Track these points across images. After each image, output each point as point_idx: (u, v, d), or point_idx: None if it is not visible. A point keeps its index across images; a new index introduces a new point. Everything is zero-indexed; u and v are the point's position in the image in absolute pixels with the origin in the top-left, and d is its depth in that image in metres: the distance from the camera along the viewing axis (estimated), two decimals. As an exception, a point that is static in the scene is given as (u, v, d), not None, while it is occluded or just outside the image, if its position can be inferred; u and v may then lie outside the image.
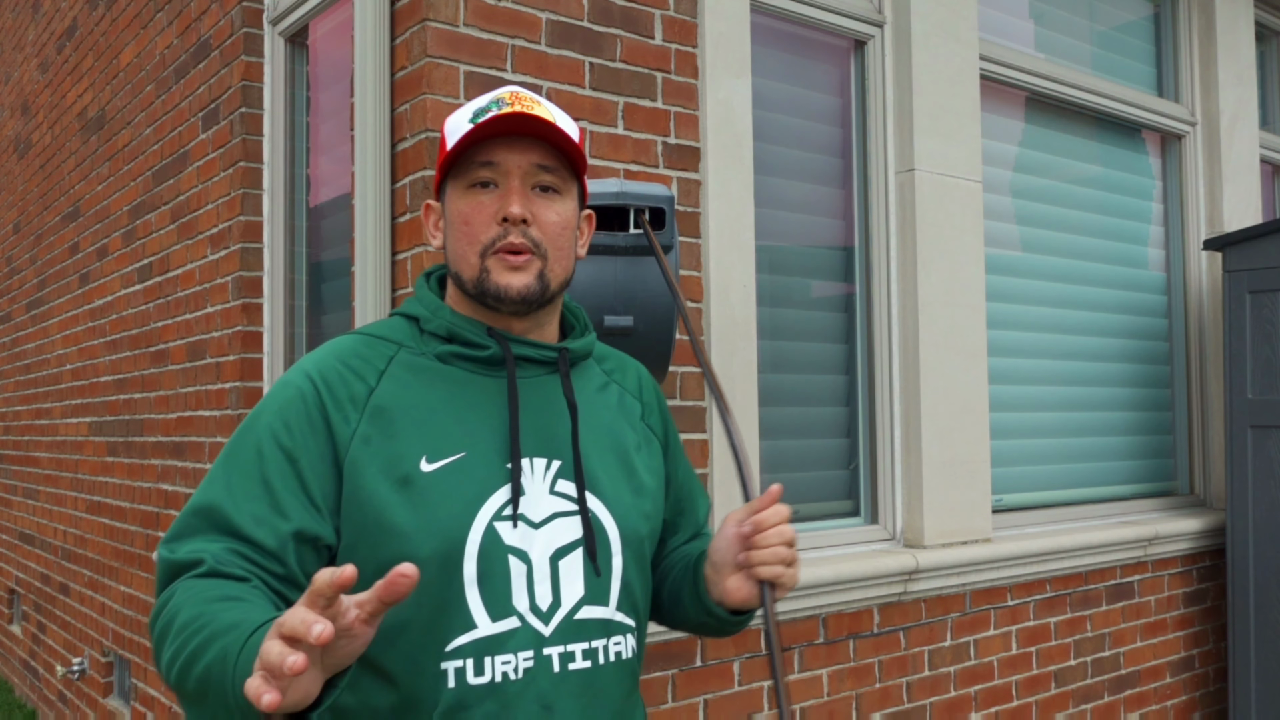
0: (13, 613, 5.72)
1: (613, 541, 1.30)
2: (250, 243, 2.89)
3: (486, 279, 1.26)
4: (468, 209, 1.27)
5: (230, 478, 1.19)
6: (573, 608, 1.25)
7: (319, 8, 2.69)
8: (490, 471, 1.23)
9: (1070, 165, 3.70)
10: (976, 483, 3.05)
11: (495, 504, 1.22)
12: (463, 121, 1.28)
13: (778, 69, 2.90)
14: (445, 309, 1.31)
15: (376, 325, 1.34)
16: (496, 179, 1.27)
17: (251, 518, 1.16)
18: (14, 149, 5.76)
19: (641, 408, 1.45)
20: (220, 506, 1.17)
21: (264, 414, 1.23)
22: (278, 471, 1.18)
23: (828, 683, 2.72)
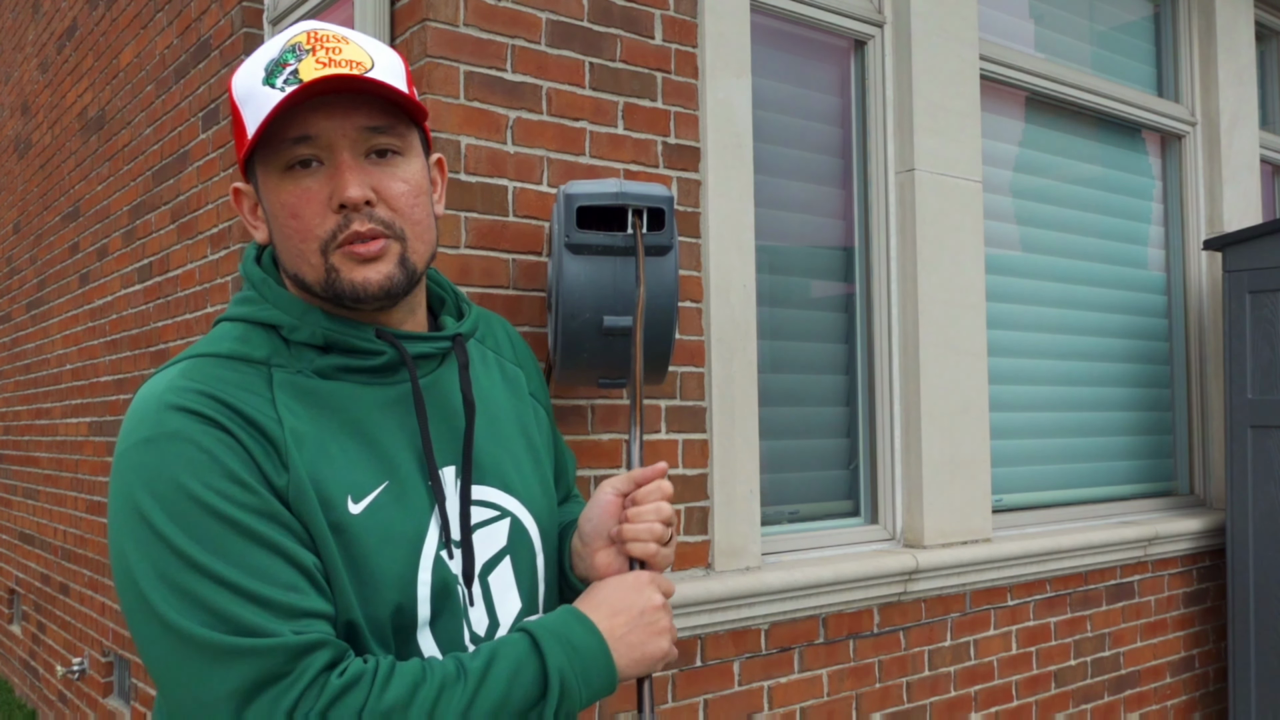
0: (13, 613, 5.72)
1: (534, 541, 1.18)
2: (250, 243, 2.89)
3: (337, 279, 1.03)
4: (292, 199, 1.02)
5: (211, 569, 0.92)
6: (513, 625, 1.13)
7: (319, 8, 2.69)
8: (419, 499, 1.07)
9: (1070, 165, 3.70)
10: (976, 483, 3.05)
11: (435, 535, 1.06)
12: (255, 84, 1.01)
13: (778, 69, 2.90)
14: (315, 312, 1.06)
15: (222, 342, 1.05)
16: (319, 154, 1.02)
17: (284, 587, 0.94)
18: (14, 149, 5.76)
19: (524, 375, 1.29)
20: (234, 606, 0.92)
21: (180, 479, 0.94)
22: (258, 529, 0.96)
23: (828, 683, 2.72)
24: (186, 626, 0.91)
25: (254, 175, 1.07)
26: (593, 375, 2.13)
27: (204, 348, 1.05)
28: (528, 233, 2.25)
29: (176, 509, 0.93)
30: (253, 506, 0.95)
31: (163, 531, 0.93)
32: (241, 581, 0.92)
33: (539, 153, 2.28)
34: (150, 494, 0.94)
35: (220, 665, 0.90)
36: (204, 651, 0.91)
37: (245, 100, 1.03)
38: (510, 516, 1.15)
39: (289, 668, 0.91)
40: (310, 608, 0.95)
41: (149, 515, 0.93)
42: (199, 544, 0.92)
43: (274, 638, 0.91)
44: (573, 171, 2.33)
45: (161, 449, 0.95)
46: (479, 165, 2.20)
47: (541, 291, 2.28)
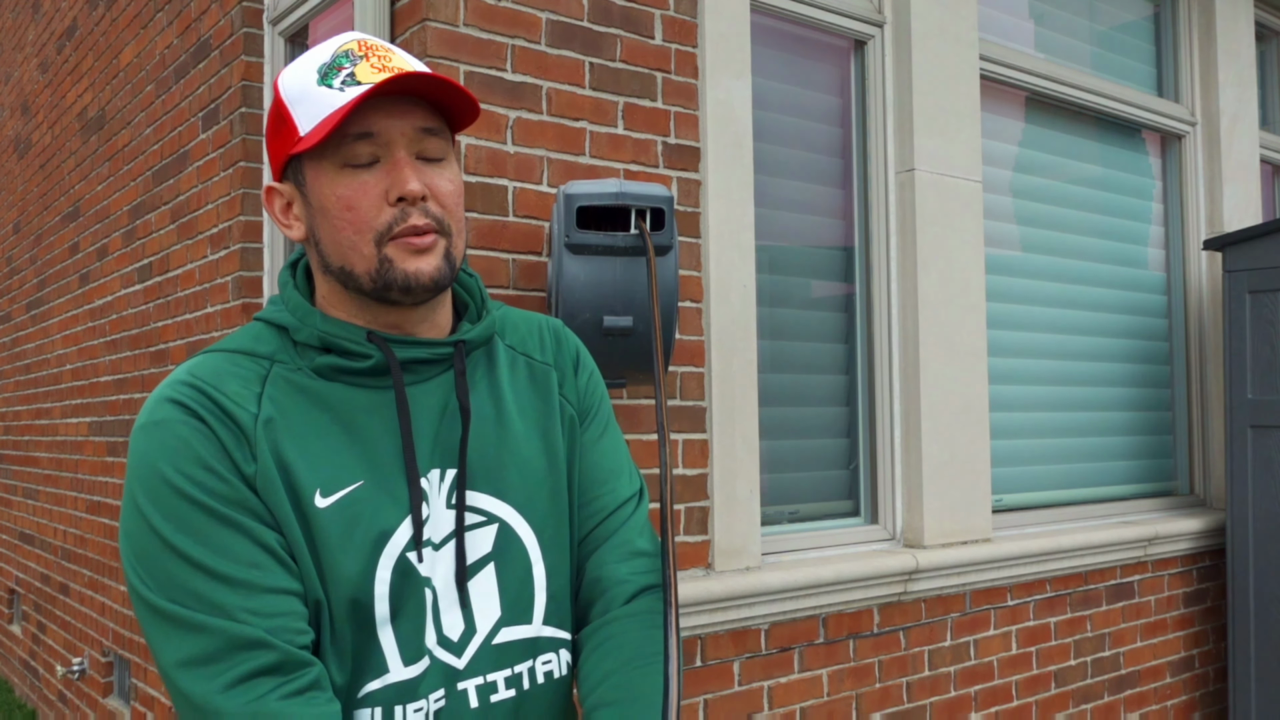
0: (13, 613, 5.72)
1: (530, 550, 1.17)
2: (250, 243, 2.89)
3: (390, 269, 1.07)
4: (349, 193, 1.06)
5: (185, 543, 1.01)
6: (490, 632, 1.13)
7: (319, 8, 2.69)
8: (395, 498, 1.09)
9: (1070, 165, 3.70)
10: (976, 483, 3.05)
11: (406, 534, 1.09)
12: (309, 84, 1.07)
13: (778, 69, 2.90)
14: (314, 314, 1.11)
15: (238, 338, 1.13)
16: (377, 152, 1.07)
17: (247, 568, 1.01)
18: (14, 149, 5.76)
19: (558, 376, 1.26)
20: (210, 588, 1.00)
21: (159, 465, 1.03)
22: (229, 515, 1.02)
23: (828, 683, 2.72)
24: (154, 599, 1.00)
25: (296, 174, 1.11)
26: (593, 375, 2.12)
27: (221, 343, 1.13)
28: (528, 233, 2.25)
29: (154, 492, 1.02)
30: (221, 493, 1.02)
31: (144, 511, 1.02)
32: (206, 560, 1.00)
33: (539, 153, 2.28)
34: (137, 477, 1.03)
35: (176, 635, 0.99)
36: (166, 622, 1.00)
37: (297, 100, 1.07)
38: (499, 523, 1.15)
39: (225, 655, 0.98)
40: (272, 584, 1.01)
41: (135, 497, 1.03)
42: (170, 523, 1.00)
43: (222, 620, 0.99)
44: (573, 171, 2.33)
45: (150, 436, 1.04)
46: (479, 165, 2.20)
47: (541, 291, 2.28)
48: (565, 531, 1.21)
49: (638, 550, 1.24)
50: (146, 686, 3.57)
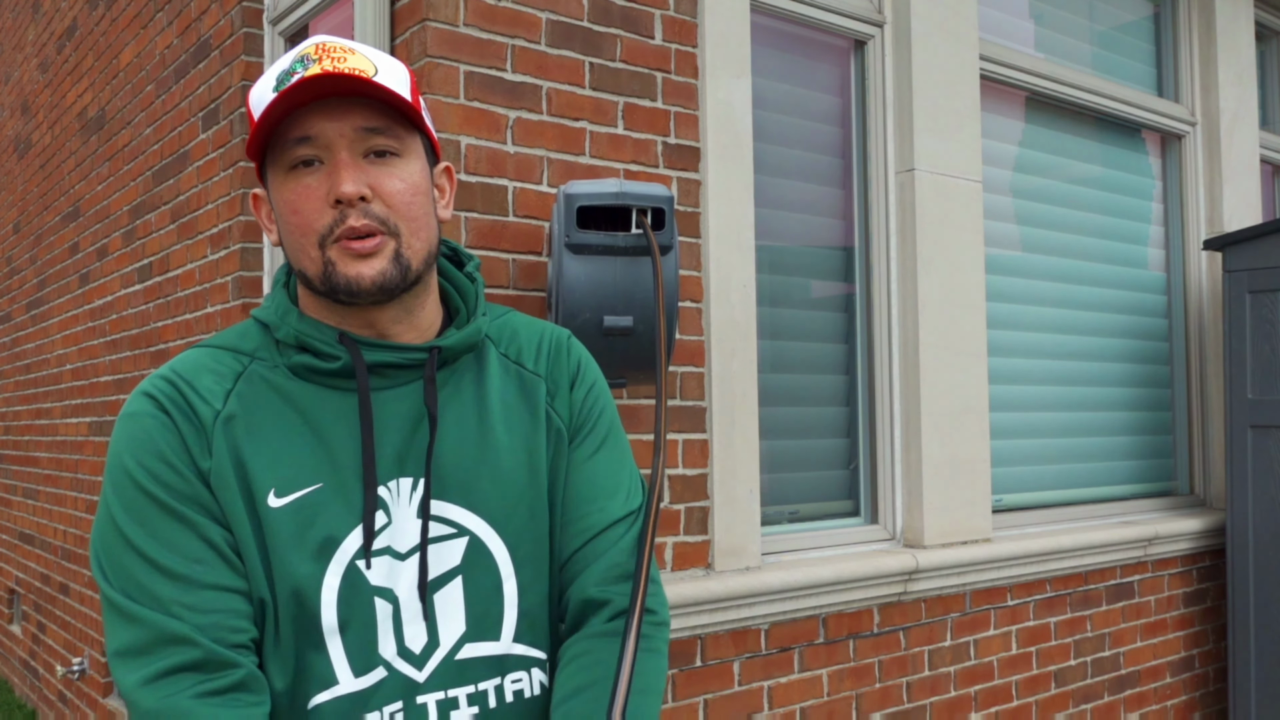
0: (13, 613, 5.72)
1: (501, 565, 1.13)
2: (250, 243, 2.89)
3: (333, 272, 1.06)
4: (294, 195, 1.06)
5: (139, 535, 1.03)
6: (453, 646, 1.10)
7: (319, 8, 2.69)
8: (350, 504, 1.07)
9: (1070, 165, 3.70)
10: (976, 483, 3.05)
11: (356, 542, 1.07)
12: (266, 91, 1.06)
13: (778, 69, 2.90)
14: (293, 313, 1.11)
15: (227, 335, 1.15)
16: (319, 154, 1.06)
17: (188, 560, 1.03)
18: (14, 149, 5.76)
19: (548, 388, 1.22)
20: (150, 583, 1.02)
21: (126, 459, 1.05)
22: (182, 510, 1.04)
23: (828, 683, 2.72)
24: (105, 586, 1.04)
25: (267, 181, 1.12)
26: (593, 375, 2.12)
27: (211, 338, 1.15)
28: (528, 233, 2.25)
29: (118, 483, 1.05)
30: (174, 486, 1.04)
31: (107, 500, 1.06)
32: (151, 552, 1.02)
33: (539, 153, 2.28)
34: (107, 467, 1.07)
35: (118, 624, 1.03)
36: (112, 610, 1.03)
37: (256, 106, 1.08)
38: (470, 535, 1.12)
39: (153, 648, 1.01)
40: (212, 580, 1.03)
41: (104, 486, 1.07)
42: (126, 514, 1.04)
43: (156, 613, 1.01)
44: (573, 171, 2.33)
45: (123, 427, 1.07)
46: (479, 165, 2.20)
47: (541, 291, 2.28)
48: (545, 548, 1.17)
49: (626, 574, 1.17)
50: (146, 686, 3.57)
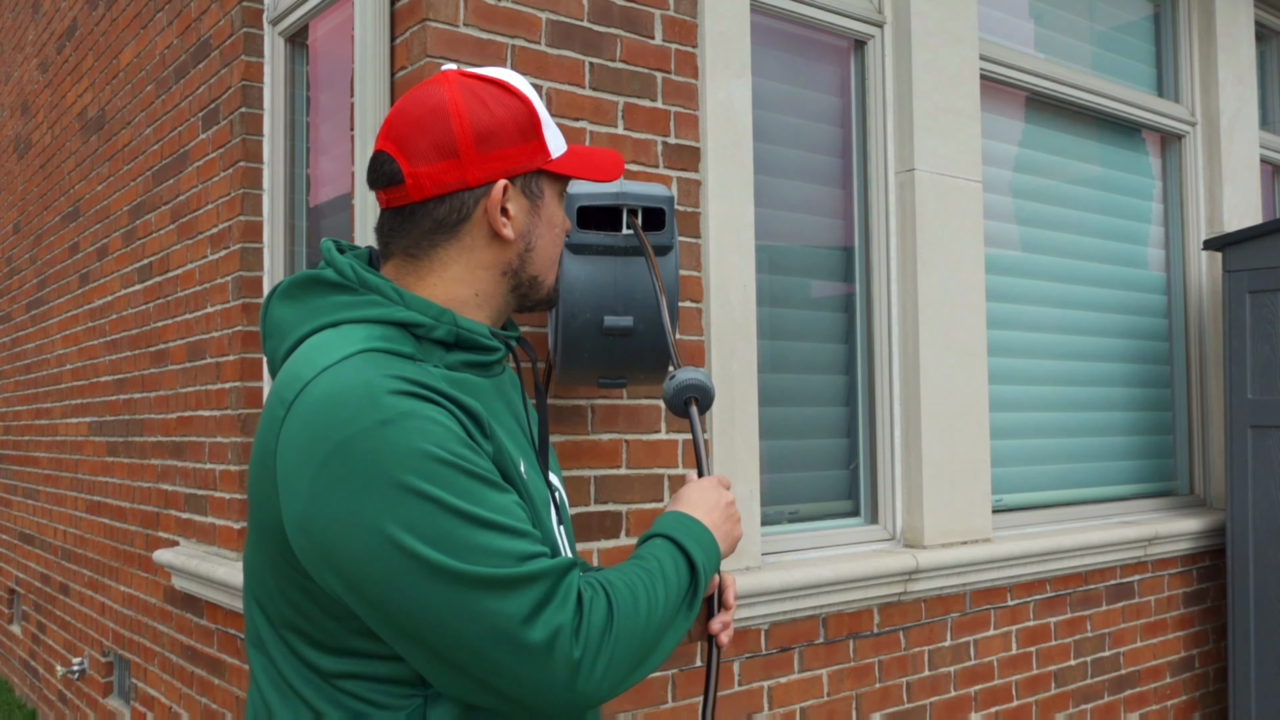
0: (13, 613, 5.72)
1: (567, 516, 1.38)
2: (250, 243, 2.89)
3: (557, 287, 1.32)
4: (563, 216, 1.29)
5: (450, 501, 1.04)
6: None
7: (319, 8, 2.69)
8: (538, 473, 1.27)
9: (1070, 165, 3.70)
10: (976, 483, 3.05)
11: (552, 507, 1.27)
12: (545, 112, 1.26)
13: (778, 69, 2.90)
14: (448, 313, 1.18)
15: (369, 340, 1.13)
16: None
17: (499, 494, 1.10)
18: (14, 149, 5.76)
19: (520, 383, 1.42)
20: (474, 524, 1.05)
21: (424, 447, 1.04)
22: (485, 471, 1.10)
23: (828, 683, 2.72)
24: (472, 570, 1.02)
25: (532, 183, 1.23)
26: (593, 375, 2.13)
27: (362, 344, 1.11)
28: (528, 233, 2.25)
29: (435, 474, 1.03)
30: (484, 466, 1.09)
31: (430, 495, 1.03)
32: (502, 520, 1.06)
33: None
34: (406, 468, 1.03)
35: (509, 593, 1.03)
36: (493, 586, 1.03)
37: (547, 122, 1.23)
38: (559, 493, 1.35)
39: (558, 587, 1.07)
40: (539, 535, 1.12)
41: (413, 485, 1.02)
42: (462, 498, 1.04)
43: (543, 560, 1.07)
44: (573, 171, 2.33)
45: (402, 426, 1.04)
46: (479, 165, 2.20)
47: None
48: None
49: None
50: (146, 686, 3.57)
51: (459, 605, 1.02)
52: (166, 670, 3.37)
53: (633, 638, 1.12)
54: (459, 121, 1.17)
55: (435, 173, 1.17)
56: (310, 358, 1.10)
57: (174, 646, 3.30)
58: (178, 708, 3.26)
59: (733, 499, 1.38)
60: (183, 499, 3.26)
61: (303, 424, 1.06)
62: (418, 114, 1.18)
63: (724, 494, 1.37)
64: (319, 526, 1.04)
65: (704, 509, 1.33)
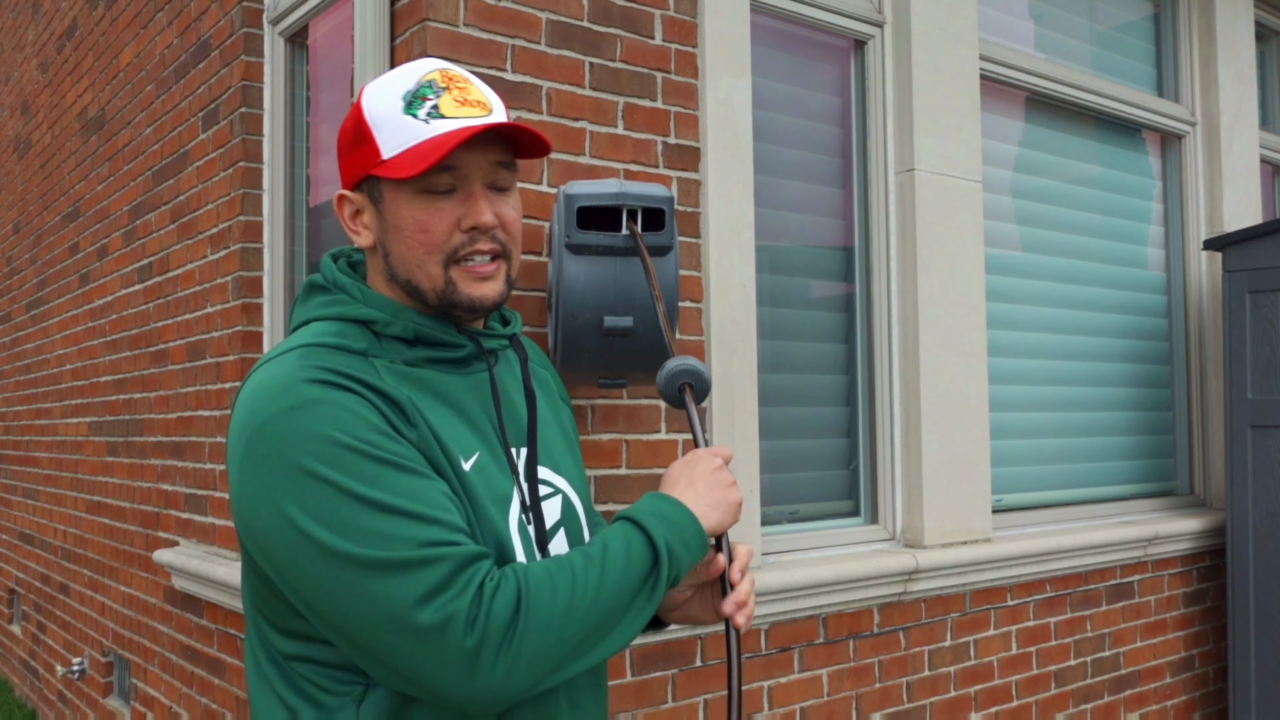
0: (13, 613, 5.72)
1: (581, 518, 1.33)
2: (250, 243, 2.89)
3: (454, 291, 1.19)
4: (425, 216, 1.17)
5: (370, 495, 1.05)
6: None
7: (319, 8, 2.69)
8: (504, 469, 1.22)
9: (1070, 165, 3.70)
10: (976, 483, 3.05)
11: (517, 502, 1.22)
12: (394, 111, 1.17)
13: (778, 69, 2.90)
14: (406, 310, 1.21)
15: (321, 336, 1.18)
16: (455, 183, 1.18)
17: (437, 504, 1.08)
18: (14, 149, 5.76)
19: (551, 380, 1.44)
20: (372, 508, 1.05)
21: (328, 432, 1.06)
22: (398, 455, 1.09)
23: (828, 683, 2.72)
24: (368, 554, 1.03)
25: (372, 189, 1.21)
26: (593, 375, 2.13)
27: (306, 339, 1.17)
28: (528, 233, 2.25)
29: (335, 458, 1.05)
30: (397, 451, 1.08)
31: (328, 478, 1.04)
32: (406, 505, 1.05)
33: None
34: (307, 452, 1.05)
35: (399, 576, 1.03)
36: (384, 569, 1.03)
37: (381, 123, 1.17)
38: (561, 494, 1.30)
39: (457, 574, 1.04)
40: (459, 524, 1.09)
41: (312, 469, 1.05)
42: (362, 483, 1.05)
43: (446, 547, 1.05)
44: (573, 171, 2.33)
45: (309, 413, 1.07)
46: (479, 165, 2.20)
47: (541, 291, 2.28)
48: (590, 501, 1.41)
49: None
50: (146, 686, 3.57)
51: (353, 587, 1.04)
52: (166, 670, 3.37)
53: (549, 629, 1.06)
54: (339, 133, 1.24)
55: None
56: (265, 354, 1.22)
57: (174, 646, 3.30)
58: (178, 708, 3.26)
59: (721, 464, 1.27)
60: (183, 499, 3.26)
61: (236, 413, 1.13)
62: None
63: (710, 460, 1.26)
64: (242, 508, 1.10)
65: (685, 482, 1.24)
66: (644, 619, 1.15)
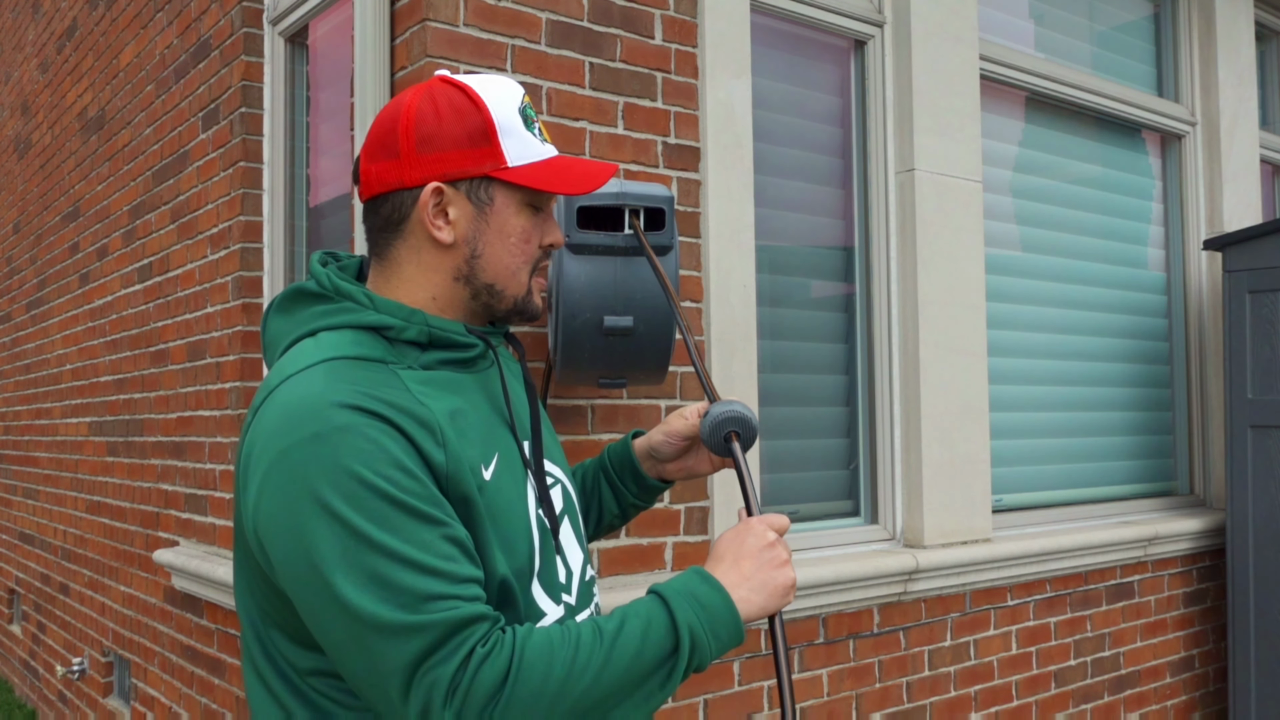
0: (13, 613, 5.72)
1: (576, 505, 1.37)
2: (250, 243, 2.89)
3: (529, 300, 1.28)
4: (528, 227, 1.25)
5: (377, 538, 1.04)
6: (580, 572, 1.31)
7: (319, 8, 2.69)
8: (519, 466, 1.24)
9: (1070, 165, 3.70)
10: (976, 483, 3.05)
11: (533, 499, 1.24)
12: (516, 121, 1.23)
13: (778, 69, 2.90)
14: (418, 314, 1.21)
15: (340, 347, 1.17)
16: (545, 205, 1.28)
17: (442, 558, 1.07)
18: (14, 149, 5.76)
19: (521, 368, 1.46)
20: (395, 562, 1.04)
21: (351, 467, 1.05)
22: (421, 505, 1.07)
23: (828, 683, 2.72)
24: (365, 605, 1.02)
25: (480, 190, 1.22)
26: (593, 375, 2.13)
27: (329, 352, 1.15)
28: (528, 233, 2.25)
29: (352, 494, 1.04)
30: (415, 491, 1.07)
31: (342, 515, 1.04)
32: (409, 553, 1.03)
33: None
34: (328, 483, 1.04)
35: (395, 640, 1.02)
36: (381, 629, 1.02)
37: (507, 130, 1.22)
38: (561, 484, 1.33)
39: (448, 639, 1.03)
40: (466, 574, 1.07)
41: (329, 502, 1.04)
42: (373, 524, 1.04)
43: (444, 606, 1.03)
44: (573, 171, 2.33)
45: (334, 442, 1.05)
46: (479, 165, 2.20)
47: (541, 292, 2.28)
48: (581, 491, 1.53)
49: None
50: (146, 686, 3.57)
51: (348, 633, 1.04)
52: (166, 670, 3.37)
53: (535, 708, 1.02)
54: (405, 124, 1.20)
55: (380, 171, 1.22)
56: (282, 367, 1.16)
57: (174, 646, 3.30)
58: (178, 708, 3.26)
59: (774, 540, 1.21)
60: (183, 499, 3.26)
61: (260, 429, 1.11)
62: (385, 116, 1.24)
63: (762, 535, 1.22)
64: (259, 526, 1.09)
65: (731, 559, 1.19)
66: (654, 704, 1.09)
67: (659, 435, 1.51)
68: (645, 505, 1.59)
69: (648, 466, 1.55)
